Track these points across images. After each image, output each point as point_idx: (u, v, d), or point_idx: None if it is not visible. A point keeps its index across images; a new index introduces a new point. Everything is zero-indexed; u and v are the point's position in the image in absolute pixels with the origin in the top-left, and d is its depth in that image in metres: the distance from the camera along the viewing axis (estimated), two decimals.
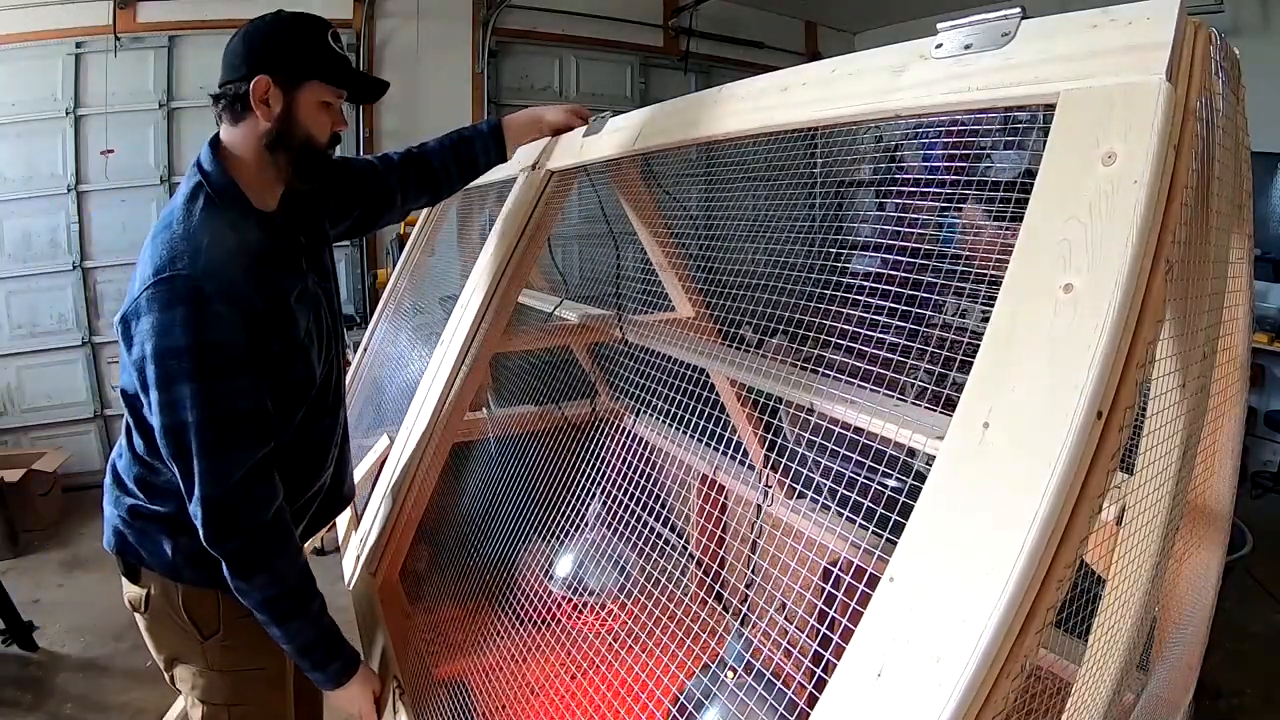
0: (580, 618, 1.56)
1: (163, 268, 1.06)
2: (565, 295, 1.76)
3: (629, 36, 5.89)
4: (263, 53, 1.14)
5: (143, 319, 1.05)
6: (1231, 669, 2.70)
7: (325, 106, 1.19)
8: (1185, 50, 0.60)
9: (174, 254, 1.07)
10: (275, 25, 1.16)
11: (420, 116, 5.20)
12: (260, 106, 1.14)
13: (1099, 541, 0.72)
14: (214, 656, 1.28)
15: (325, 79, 1.18)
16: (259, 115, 1.14)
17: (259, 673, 1.30)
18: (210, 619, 1.26)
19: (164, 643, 1.31)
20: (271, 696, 1.35)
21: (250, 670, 1.30)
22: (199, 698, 1.30)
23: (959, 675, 0.50)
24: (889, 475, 0.80)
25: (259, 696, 1.32)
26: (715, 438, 1.11)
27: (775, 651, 1.12)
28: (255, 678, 1.31)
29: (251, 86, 1.12)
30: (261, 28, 1.16)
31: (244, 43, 1.16)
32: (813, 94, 0.88)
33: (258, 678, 1.31)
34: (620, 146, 1.31)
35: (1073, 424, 0.52)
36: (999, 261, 0.62)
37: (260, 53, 1.14)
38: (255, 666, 1.29)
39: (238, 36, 1.17)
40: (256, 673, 1.30)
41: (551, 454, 1.41)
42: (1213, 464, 1.00)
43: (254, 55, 1.14)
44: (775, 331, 1.17)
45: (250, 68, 1.13)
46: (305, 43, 1.16)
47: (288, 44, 1.15)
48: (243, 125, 1.16)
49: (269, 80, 1.13)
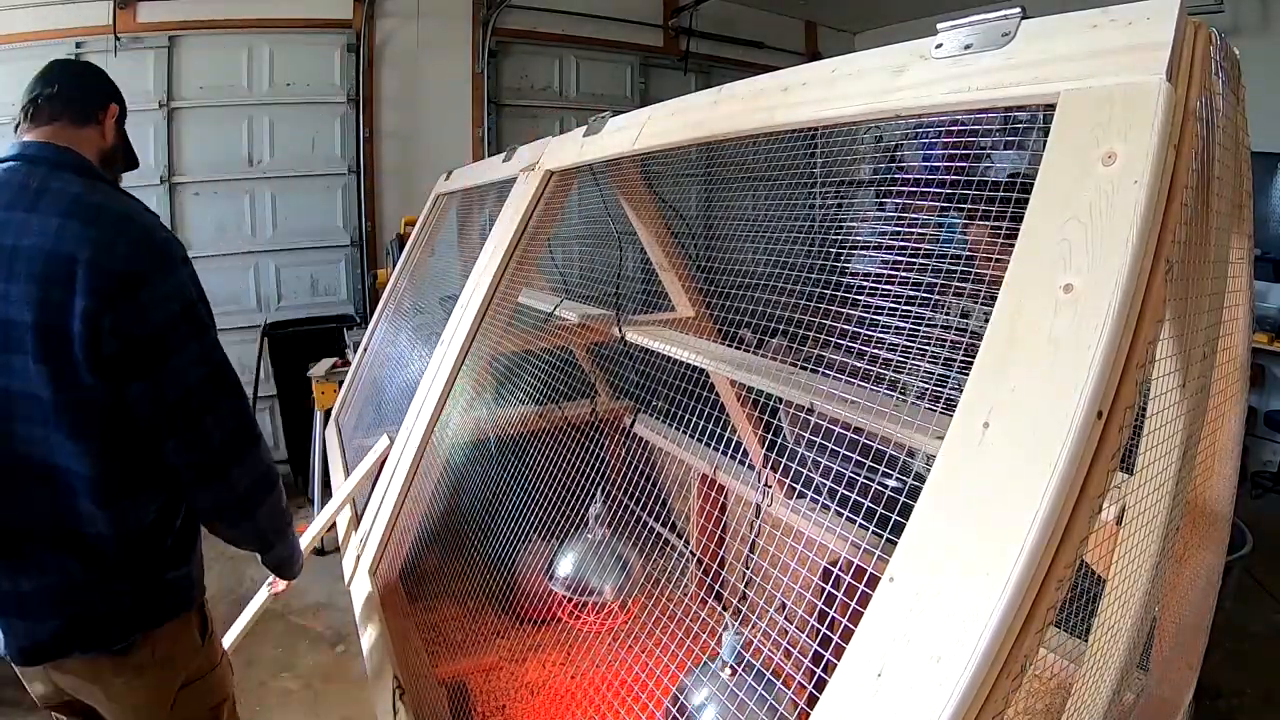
0: (580, 617, 1.56)
1: (146, 239, 1.14)
2: (565, 295, 1.76)
3: (629, 36, 5.89)
4: (109, 85, 1.34)
5: (147, 291, 1.10)
6: (1231, 669, 2.70)
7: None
8: (1185, 50, 0.60)
9: (140, 218, 1.18)
10: (94, 67, 1.40)
11: (420, 116, 5.21)
12: (109, 126, 1.31)
13: (1099, 541, 0.72)
14: (210, 649, 1.36)
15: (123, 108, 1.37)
16: (105, 135, 1.30)
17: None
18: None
19: (174, 675, 1.29)
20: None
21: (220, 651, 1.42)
22: (214, 702, 1.36)
23: (959, 675, 0.50)
24: (889, 475, 0.80)
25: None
26: (715, 438, 1.11)
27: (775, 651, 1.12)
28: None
29: (108, 109, 1.30)
30: (91, 67, 1.40)
31: (84, 76, 1.34)
32: (813, 94, 0.88)
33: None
34: (620, 147, 1.31)
35: (1073, 424, 0.52)
36: (999, 261, 0.62)
37: (106, 84, 1.34)
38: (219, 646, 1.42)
39: (81, 66, 1.42)
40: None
41: (551, 454, 1.41)
42: (1213, 464, 1.00)
43: (104, 85, 1.33)
44: (775, 332, 1.17)
45: (104, 95, 1.31)
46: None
47: (109, 81, 1.35)
48: (86, 132, 1.28)
49: (118, 109, 1.32)
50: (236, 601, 3.33)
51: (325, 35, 4.84)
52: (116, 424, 1.14)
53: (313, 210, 4.97)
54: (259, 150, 4.76)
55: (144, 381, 1.12)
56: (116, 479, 1.16)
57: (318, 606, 3.31)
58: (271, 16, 4.66)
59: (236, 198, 4.74)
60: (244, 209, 4.78)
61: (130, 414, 1.14)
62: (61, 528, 1.15)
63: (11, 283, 1.09)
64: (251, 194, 4.78)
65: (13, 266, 1.09)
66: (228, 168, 4.68)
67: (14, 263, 1.09)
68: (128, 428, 1.15)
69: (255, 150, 4.75)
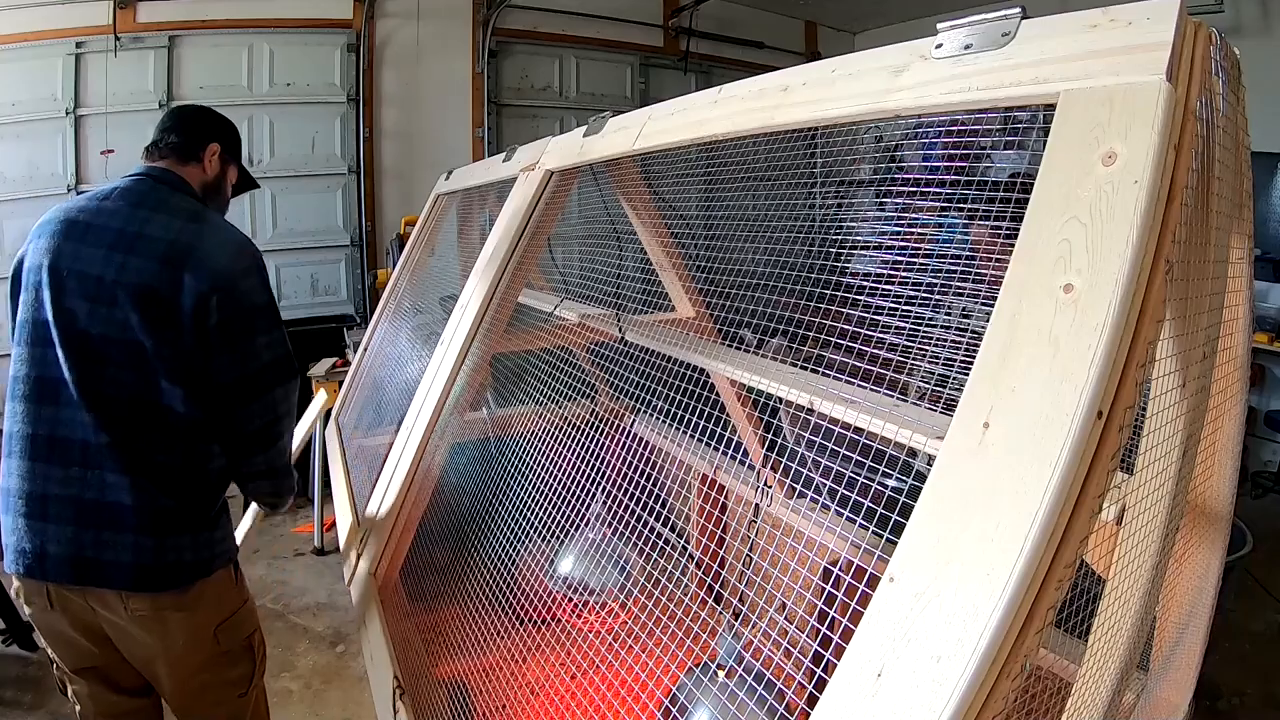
0: (580, 617, 1.56)
1: (243, 243, 1.45)
2: (565, 295, 1.76)
3: (629, 36, 5.90)
4: (219, 129, 1.62)
5: (244, 282, 1.40)
6: (1231, 669, 2.70)
7: (230, 183, 1.68)
8: (1185, 50, 0.60)
9: (241, 236, 1.48)
10: (219, 116, 1.66)
11: (420, 116, 5.21)
12: (209, 163, 1.58)
13: (1099, 541, 0.72)
14: (241, 589, 1.56)
15: (238, 165, 1.69)
16: (205, 168, 1.57)
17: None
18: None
19: (217, 614, 1.48)
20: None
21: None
22: (247, 632, 1.54)
23: (959, 675, 0.50)
24: (889, 475, 0.80)
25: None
26: (715, 438, 1.11)
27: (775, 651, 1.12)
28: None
29: (208, 147, 1.57)
30: (211, 113, 1.65)
31: (198, 117, 1.61)
32: (813, 94, 0.88)
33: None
34: (620, 147, 1.31)
35: (1073, 424, 0.52)
36: (999, 261, 0.62)
37: (217, 127, 1.62)
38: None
39: (194, 110, 1.65)
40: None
41: (551, 454, 1.41)
42: (1213, 464, 1.00)
43: (213, 127, 1.61)
44: (775, 332, 1.17)
45: (211, 135, 1.59)
46: (235, 135, 1.68)
47: (230, 131, 1.65)
48: (189, 168, 1.55)
49: (219, 148, 1.59)
50: None
51: (325, 35, 4.84)
52: (202, 382, 1.39)
53: (313, 210, 4.97)
54: (259, 150, 4.77)
55: (231, 354, 1.39)
56: (199, 425, 1.41)
57: (318, 606, 3.31)
58: (271, 16, 4.67)
59: (236, 198, 4.74)
60: (244, 209, 4.79)
61: (214, 380, 1.40)
62: (149, 451, 1.38)
63: (133, 257, 1.35)
64: (251, 194, 4.76)
65: (135, 245, 1.36)
66: None
67: (136, 243, 1.36)
68: (210, 390, 1.41)
69: (255, 150, 4.75)
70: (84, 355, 1.35)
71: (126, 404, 1.36)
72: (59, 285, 1.36)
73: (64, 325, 1.35)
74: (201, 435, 1.42)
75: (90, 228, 1.38)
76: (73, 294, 1.35)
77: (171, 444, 1.39)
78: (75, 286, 1.35)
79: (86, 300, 1.35)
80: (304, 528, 4.01)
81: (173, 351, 1.35)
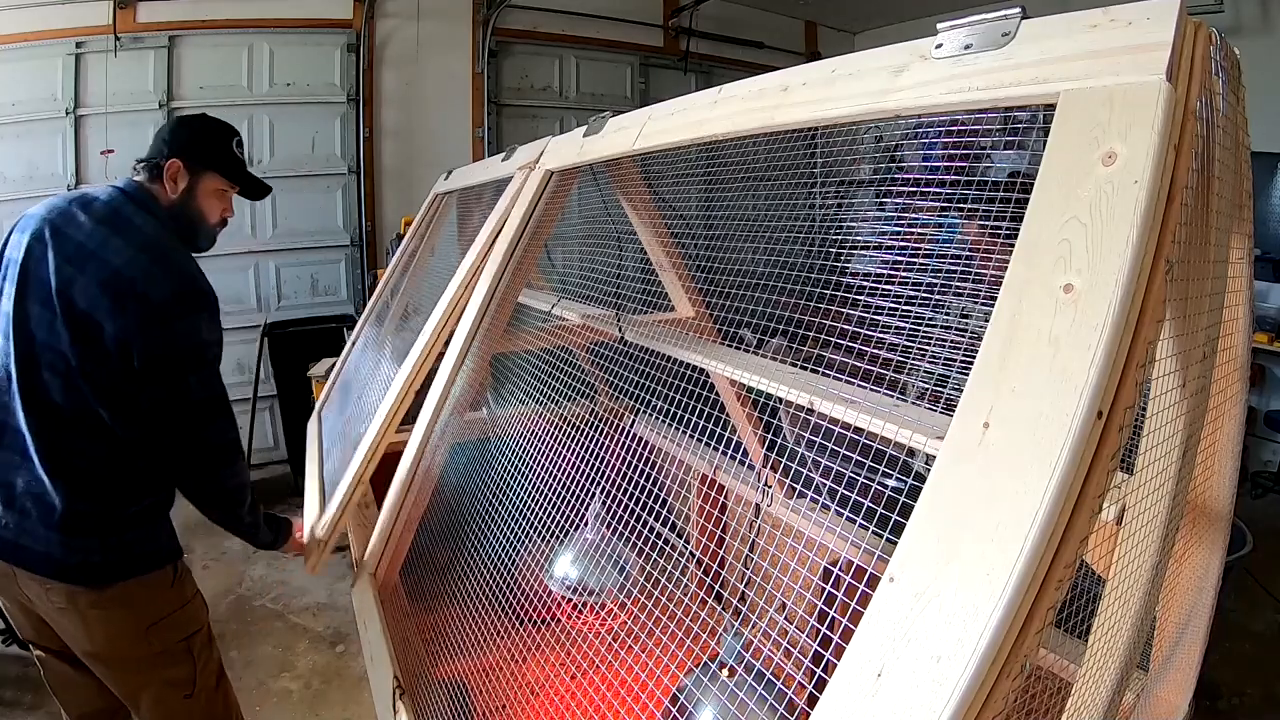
0: (580, 617, 1.56)
1: (186, 286, 1.41)
2: (564, 295, 1.76)
3: (629, 36, 5.89)
4: (182, 141, 1.54)
5: (180, 324, 1.39)
6: (1231, 669, 2.71)
7: (220, 194, 1.60)
8: (1185, 50, 0.60)
9: (193, 270, 1.45)
10: (196, 124, 1.58)
11: (420, 116, 5.21)
12: (169, 182, 1.52)
13: (1099, 541, 0.72)
14: (179, 591, 1.56)
15: (223, 173, 1.58)
16: (166, 189, 1.52)
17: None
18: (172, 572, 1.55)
19: (141, 615, 1.48)
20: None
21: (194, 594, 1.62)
22: (185, 634, 1.54)
23: (959, 675, 0.50)
24: (889, 475, 0.80)
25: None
26: (715, 438, 1.11)
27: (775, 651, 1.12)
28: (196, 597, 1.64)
29: (166, 165, 1.50)
30: (187, 122, 1.59)
31: (171, 129, 1.56)
32: (813, 94, 0.88)
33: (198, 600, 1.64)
34: (620, 147, 1.31)
35: (1073, 424, 0.52)
36: (999, 261, 0.62)
37: (179, 141, 1.54)
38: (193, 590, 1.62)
39: (174, 121, 1.59)
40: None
41: (551, 454, 1.41)
42: (1213, 464, 1.00)
43: (175, 141, 1.53)
44: (775, 331, 1.17)
45: (170, 150, 1.52)
46: (215, 142, 1.57)
47: (201, 140, 1.56)
48: (156, 187, 1.52)
49: (180, 164, 1.51)
50: (236, 601, 3.35)
51: (325, 35, 4.84)
52: (131, 407, 1.40)
53: (313, 210, 4.97)
54: (259, 150, 4.76)
55: (162, 388, 1.39)
56: (126, 442, 1.43)
57: (318, 606, 3.31)
58: (271, 16, 4.67)
59: (236, 198, 4.74)
60: (244, 209, 4.78)
61: (144, 409, 1.40)
62: (70, 452, 1.42)
63: (81, 275, 1.37)
64: None
65: (86, 265, 1.37)
66: None
67: (88, 263, 1.37)
68: (141, 415, 1.41)
69: (255, 150, 4.75)
70: (27, 355, 1.40)
71: (56, 408, 1.40)
72: (24, 284, 1.41)
73: (18, 323, 1.41)
74: (127, 450, 1.44)
75: (59, 234, 1.41)
76: (32, 296, 1.40)
77: (95, 452, 1.42)
78: (34, 289, 1.40)
79: (38, 304, 1.40)
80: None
81: (100, 375, 1.38)
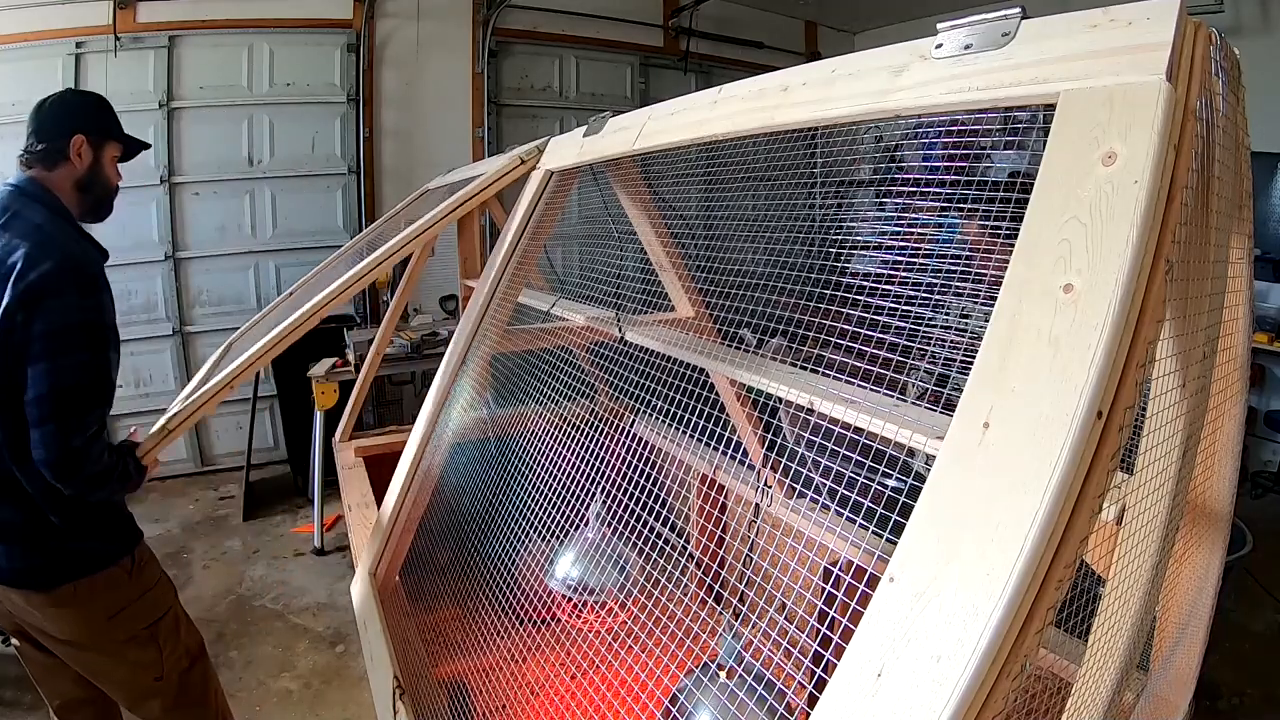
0: (580, 617, 1.56)
1: (69, 259, 1.38)
2: (562, 295, 1.76)
3: (629, 36, 5.89)
4: (78, 117, 1.55)
5: (56, 300, 1.35)
6: (1231, 669, 2.70)
7: (113, 160, 1.61)
8: (1185, 50, 0.60)
9: (77, 251, 1.43)
10: (80, 99, 1.61)
11: (420, 116, 5.21)
12: (75, 159, 1.53)
13: (1099, 541, 0.72)
14: (138, 581, 1.58)
15: (119, 139, 1.60)
16: (73, 165, 1.52)
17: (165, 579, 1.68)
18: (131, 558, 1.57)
19: (98, 610, 1.51)
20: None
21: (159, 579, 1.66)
22: (149, 620, 1.58)
23: (959, 675, 0.50)
24: (889, 475, 0.80)
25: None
26: (715, 438, 1.11)
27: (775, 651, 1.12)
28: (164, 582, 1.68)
29: (71, 142, 1.51)
30: (69, 100, 1.60)
31: (55, 110, 1.55)
32: (813, 94, 0.88)
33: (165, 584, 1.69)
34: (620, 147, 1.31)
35: (1073, 424, 0.52)
36: (999, 261, 0.62)
37: (75, 117, 1.55)
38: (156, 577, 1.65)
39: (51, 104, 1.56)
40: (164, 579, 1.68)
41: (551, 454, 1.41)
42: (1213, 464, 1.00)
43: (70, 119, 1.54)
44: (775, 332, 1.17)
45: (70, 127, 1.52)
46: (106, 113, 1.59)
47: (94, 113, 1.58)
48: (59, 170, 1.52)
49: (84, 138, 1.53)
50: (236, 601, 3.34)
51: (325, 35, 4.84)
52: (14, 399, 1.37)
53: (313, 210, 4.97)
54: (259, 150, 4.76)
55: (35, 368, 1.35)
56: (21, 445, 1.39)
57: (318, 606, 3.31)
58: (271, 17, 4.66)
59: (236, 198, 4.75)
60: (244, 209, 4.79)
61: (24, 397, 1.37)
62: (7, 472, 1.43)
63: None
64: (251, 194, 4.79)
65: None
66: (228, 168, 4.68)
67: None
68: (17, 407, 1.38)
69: (255, 150, 4.75)
70: None
71: None
72: None
73: None
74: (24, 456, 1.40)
75: None
76: None
77: (3, 459, 1.43)
78: None
79: None
80: (304, 528, 4.02)
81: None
